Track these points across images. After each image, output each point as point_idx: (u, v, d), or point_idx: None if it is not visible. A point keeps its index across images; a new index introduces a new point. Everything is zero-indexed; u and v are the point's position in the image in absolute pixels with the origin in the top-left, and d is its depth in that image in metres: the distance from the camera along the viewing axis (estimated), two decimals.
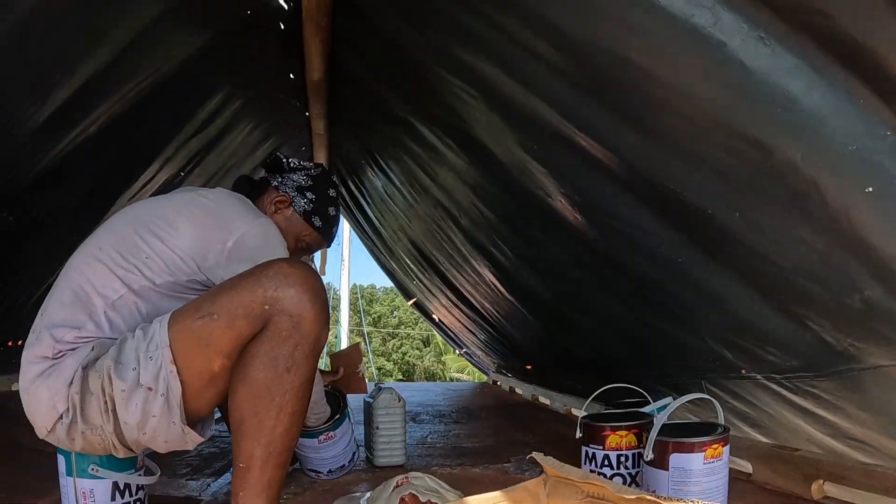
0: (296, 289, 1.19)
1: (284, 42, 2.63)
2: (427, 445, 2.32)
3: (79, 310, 1.27)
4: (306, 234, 1.65)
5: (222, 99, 2.71)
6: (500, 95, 1.65)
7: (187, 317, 1.21)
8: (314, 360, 1.24)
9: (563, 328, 2.57)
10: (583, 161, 1.51)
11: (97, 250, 1.33)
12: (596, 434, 1.61)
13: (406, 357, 25.47)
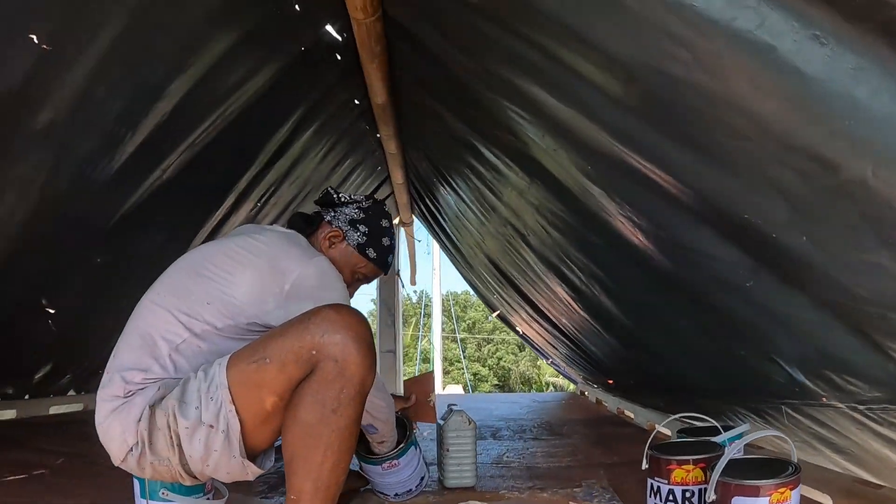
0: (341, 335, 1.26)
1: (345, 70, 2.68)
2: (501, 465, 2.27)
3: (145, 353, 1.36)
4: (362, 266, 1.67)
5: (291, 129, 2.78)
6: (551, 118, 1.60)
7: (242, 360, 1.29)
8: (360, 402, 1.30)
9: (639, 347, 2.47)
10: (637, 182, 1.44)
11: (160, 297, 1.42)
12: (661, 467, 1.52)
13: (501, 362, 25.33)
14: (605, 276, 2.20)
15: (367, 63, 2.55)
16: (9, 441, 2.28)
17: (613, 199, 1.65)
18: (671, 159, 1.28)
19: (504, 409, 3.99)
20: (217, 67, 2.03)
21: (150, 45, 1.77)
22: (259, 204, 3.11)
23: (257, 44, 2.12)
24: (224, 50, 2.00)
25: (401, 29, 2.20)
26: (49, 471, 1.95)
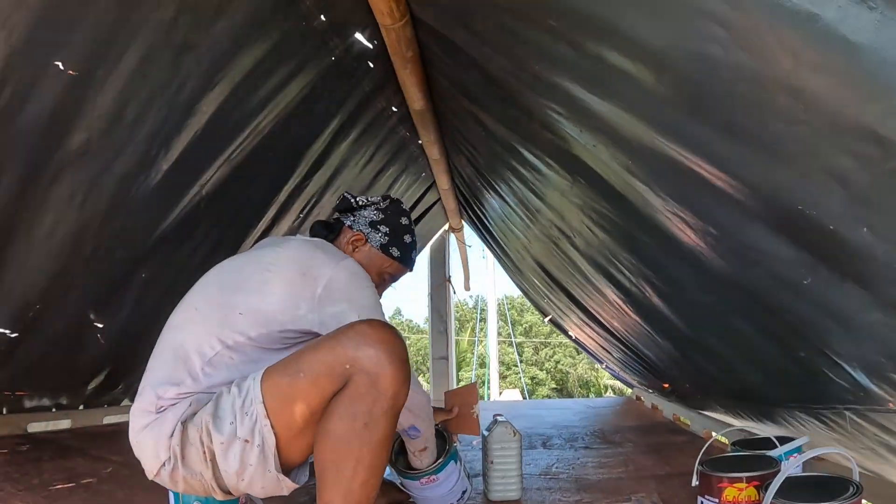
0: (374, 349, 1.25)
1: (380, 77, 2.66)
2: (549, 476, 2.20)
3: (178, 367, 1.37)
4: (387, 266, 1.69)
5: (329, 139, 2.77)
6: (587, 113, 1.52)
7: (276, 374, 1.29)
8: (392, 417, 1.28)
9: (693, 350, 2.35)
10: (682, 176, 1.34)
11: (192, 311, 1.44)
12: (712, 484, 1.42)
13: (559, 366, 25.04)
14: (656, 277, 2.10)
15: (401, 69, 2.53)
16: (63, 450, 2.33)
17: (658, 195, 1.56)
18: (714, 149, 1.19)
19: (556, 415, 3.91)
20: (246, 82, 2.03)
21: (177, 63, 1.78)
22: (301, 215, 3.11)
23: (285, 57, 2.11)
24: (251, 64, 2.00)
25: (431, 32, 2.16)
26: (97, 479, 1.98)
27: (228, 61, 1.93)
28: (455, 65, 2.32)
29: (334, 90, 2.52)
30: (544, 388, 24.13)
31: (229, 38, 1.86)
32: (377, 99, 2.85)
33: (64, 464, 2.13)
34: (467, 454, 2.51)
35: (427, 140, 3.44)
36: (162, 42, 1.69)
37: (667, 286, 2.07)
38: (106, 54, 1.59)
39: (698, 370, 2.50)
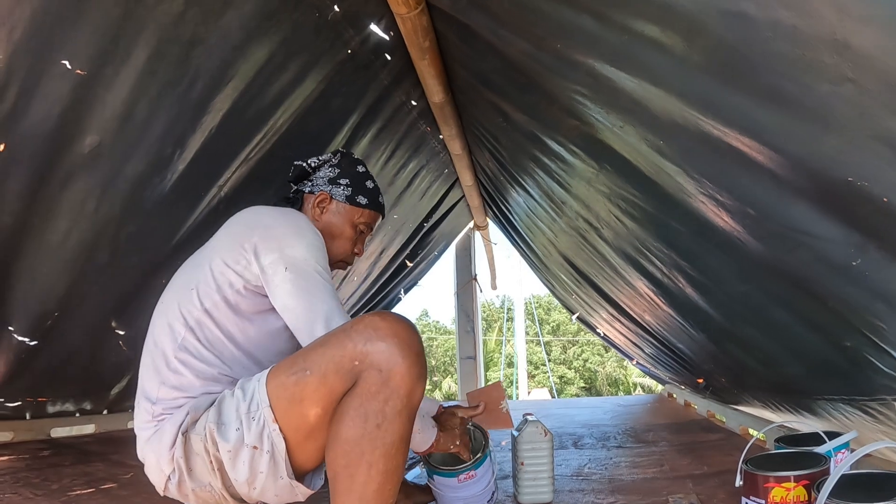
0: (385, 342, 1.17)
1: (397, 70, 2.60)
2: (582, 477, 2.12)
3: (158, 362, 1.35)
4: (358, 217, 1.64)
5: (348, 135, 2.71)
6: (613, 90, 1.44)
7: (282, 373, 1.24)
8: (407, 416, 1.20)
9: (730, 342, 2.25)
10: (718, 154, 1.26)
11: (159, 306, 1.45)
12: (757, 484, 1.32)
13: (587, 364, 24.83)
14: (690, 266, 2.01)
15: (419, 60, 2.47)
16: (84, 455, 2.33)
17: (692, 177, 1.47)
18: (753, 119, 1.10)
19: (587, 414, 3.82)
20: (259, 77, 1.98)
21: (186, 59, 1.72)
22: None
23: (298, 50, 2.05)
24: (264, 59, 1.94)
25: (447, 18, 2.09)
26: (116, 485, 1.96)
27: (240, 55, 1.87)
28: (473, 53, 2.25)
29: (351, 84, 2.46)
30: (573, 387, 23.95)
31: (240, 31, 1.80)
32: (396, 92, 2.78)
33: (84, 469, 2.12)
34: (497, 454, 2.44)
35: (448, 134, 3.37)
36: (170, 37, 1.63)
37: (702, 276, 1.98)
38: (113, 51, 1.54)
39: (735, 363, 2.40)
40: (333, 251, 1.61)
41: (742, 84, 1.05)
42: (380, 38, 2.34)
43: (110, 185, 1.83)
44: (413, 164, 3.63)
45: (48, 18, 1.36)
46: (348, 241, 1.61)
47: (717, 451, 2.49)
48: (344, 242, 1.61)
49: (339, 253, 1.63)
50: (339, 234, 1.60)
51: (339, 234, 1.60)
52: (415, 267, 5.24)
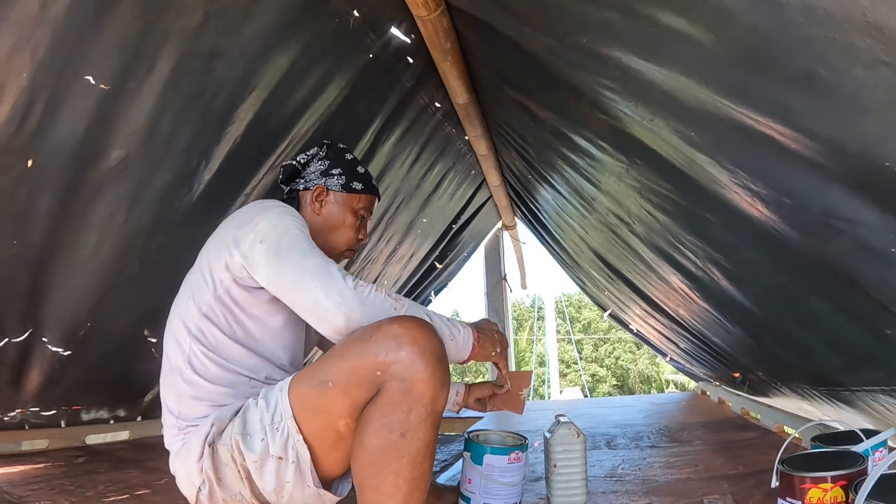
0: (406, 350, 1.16)
1: (420, 73, 2.59)
2: (615, 478, 2.07)
3: (175, 381, 1.35)
4: (356, 202, 1.61)
5: (372, 140, 2.71)
6: (641, 83, 1.40)
7: (303, 385, 1.24)
8: (432, 424, 1.18)
9: (768, 335, 2.19)
10: (751, 143, 1.22)
11: (167, 325, 1.43)
12: (793, 486, 1.27)
13: (619, 362, 24.59)
14: (724, 259, 1.96)
15: (441, 62, 2.46)
16: (119, 462, 2.35)
17: (725, 167, 1.43)
18: (788, 107, 1.06)
19: (620, 413, 3.76)
20: (282, 86, 1.98)
21: (209, 70, 1.73)
22: None
23: (320, 57, 2.05)
24: (286, 67, 1.94)
25: (468, 19, 2.08)
26: (150, 491, 1.96)
27: (262, 65, 1.88)
28: (495, 52, 2.23)
29: (374, 89, 2.46)
30: (605, 385, 23.74)
31: (260, 41, 1.81)
32: (419, 95, 2.77)
33: (119, 475, 2.13)
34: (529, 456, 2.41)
35: (473, 135, 3.36)
36: (192, 49, 1.64)
37: (737, 268, 1.93)
38: (136, 66, 1.55)
39: (772, 356, 2.34)
40: (339, 241, 1.60)
41: (774, 71, 1.02)
42: (401, 42, 2.33)
43: (138, 197, 1.84)
44: (439, 167, 3.62)
45: (69, 36, 1.37)
46: (351, 228, 1.60)
47: (753, 451, 2.43)
48: (347, 230, 1.59)
49: (345, 241, 1.61)
50: (341, 223, 1.59)
51: (342, 222, 1.59)
52: (444, 269, 5.23)
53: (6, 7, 1.24)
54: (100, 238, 1.83)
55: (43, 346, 1.97)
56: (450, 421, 3.93)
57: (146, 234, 1.96)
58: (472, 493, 1.68)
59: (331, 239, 1.59)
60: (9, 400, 2.06)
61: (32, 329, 1.89)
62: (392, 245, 3.88)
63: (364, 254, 3.58)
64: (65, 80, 1.44)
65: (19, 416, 2.18)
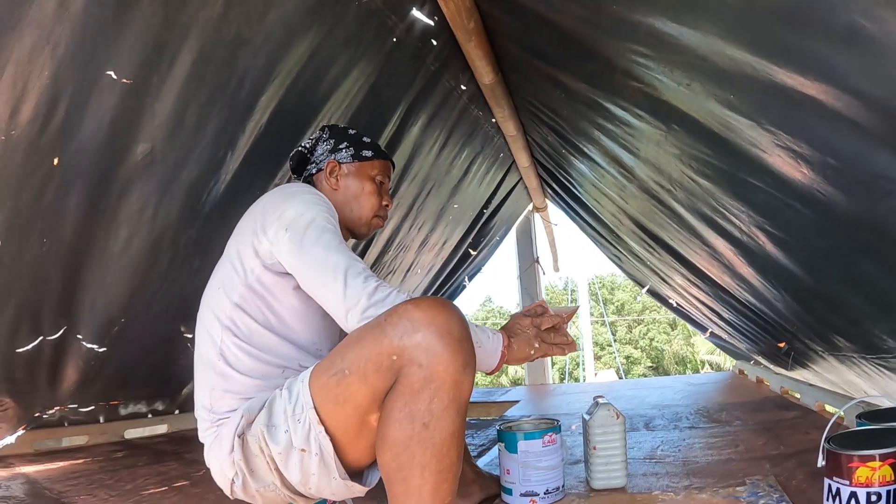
0: (423, 333, 1.10)
1: (445, 55, 2.55)
2: (655, 460, 2.03)
3: (208, 374, 1.33)
4: (370, 169, 1.59)
5: (397, 125, 2.68)
6: (676, 47, 1.36)
7: (323, 374, 1.20)
8: (456, 410, 1.12)
9: (816, 300, 2.12)
10: (792, 104, 1.16)
11: (198, 319, 1.41)
12: (840, 465, 1.21)
13: (653, 343, 24.33)
14: (769, 223, 1.89)
15: (465, 42, 2.42)
16: (159, 454, 2.38)
17: (766, 129, 1.37)
18: (831, 64, 1.00)
19: (657, 395, 3.69)
20: (305, 72, 1.97)
21: (231, 60, 1.72)
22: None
23: (343, 42, 2.03)
24: (308, 54, 1.93)
25: None
26: (189, 483, 1.98)
27: (285, 53, 1.86)
28: (523, 27, 2.18)
29: (399, 74, 2.43)
30: (640, 367, 23.53)
31: (282, 28, 1.79)
32: (444, 78, 2.74)
33: (158, 468, 2.16)
34: (567, 439, 2.38)
35: (501, 116, 3.32)
36: (214, 40, 1.63)
37: (782, 232, 1.86)
38: (158, 59, 1.55)
39: (820, 322, 2.27)
40: (363, 210, 1.57)
41: (815, 27, 0.96)
42: (424, 24, 2.30)
43: (166, 191, 1.85)
44: (468, 152, 3.59)
45: (89, 32, 1.36)
46: (371, 194, 1.56)
47: (794, 430, 2.36)
48: (368, 197, 1.56)
49: (368, 208, 1.57)
50: (360, 192, 1.56)
51: (360, 190, 1.56)
52: (477, 254, 5.21)
53: (24, 6, 1.23)
54: (130, 233, 1.84)
55: (78, 343, 1.99)
56: (485, 406, 3.92)
57: (176, 227, 1.96)
58: (513, 484, 1.66)
59: (354, 210, 1.56)
60: (47, 398, 2.09)
61: (67, 327, 1.91)
62: (424, 233, 3.87)
63: (396, 241, 3.57)
64: (87, 76, 1.43)
65: (58, 413, 2.21)
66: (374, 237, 3.31)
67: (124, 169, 1.68)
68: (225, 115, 1.84)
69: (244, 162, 2.00)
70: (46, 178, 1.53)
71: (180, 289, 2.15)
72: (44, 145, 1.46)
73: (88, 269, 1.82)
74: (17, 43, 1.26)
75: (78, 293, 1.86)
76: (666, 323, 23.97)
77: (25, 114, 1.37)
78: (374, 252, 3.41)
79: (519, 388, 5.31)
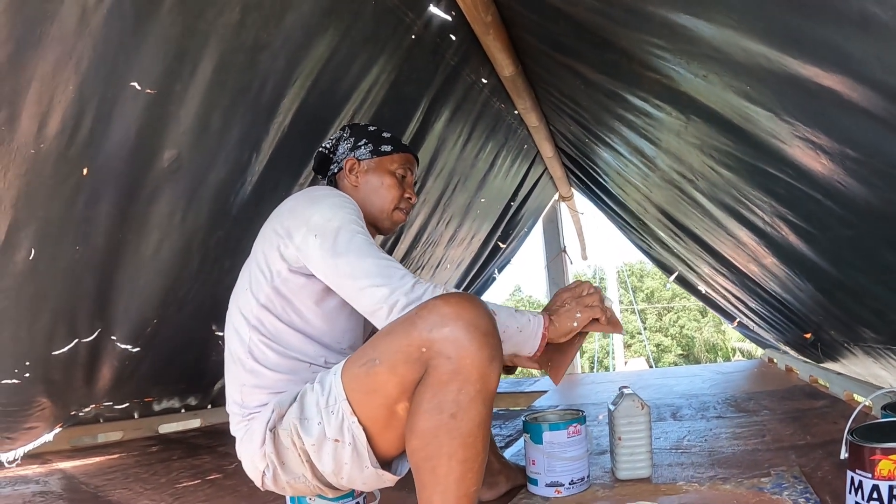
0: (450, 326, 1.13)
1: (465, 49, 2.55)
2: (681, 450, 2.03)
3: (237, 371, 1.38)
4: (391, 164, 1.60)
5: (420, 122, 2.69)
6: (691, 38, 1.35)
7: (354, 365, 1.24)
8: (483, 402, 1.15)
9: (841, 291, 2.08)
10: (809, 93, 1.15)
11: (227, 317, 1.46)
12: (862, 457, 1.19)
13: (684, 330, 24.04)
14: (791, 213, 1.87)
15: (483, 35, 2.42)
16: (193, 448, 2.46)
17: (784, 120, 1.36)
18: (845, 53, 0.99)
19: (685, 383, 3.67)
20: (325, 73, 1.99)
21: (252, 65, 1.75)
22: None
23: (361, 41, 2.04)
24: (327, 55, 1.95)
25: None
26: (222, 475, 2.04)
27: (305, 54, 1.89)
28: (540, 18, 2.17)
29: (420, 69, 2.44)
30: (670, 355, 23.29)
31: (301, 30, 1.81)
32: (465, 72, 2.74)
33: (192, 462, 2.22)
34: (593, 429, 2.39)
35: (523, 108, 3.31)
36: (234, 45, 1.66)
37: (805, 222, 1.84)
38: (179, 67, 1.58)
39: (845, 313, 2.24)
40: (384, 204, 1.58)
41: (829, 14, 0.95)
42: (442, 19, 2.30)
43: (194, 195, 1.89)
44: (492, 145, 3.59)
45: (110, 46, 1.40)
46: (391, 188, 1.58)
47: (822, 420, 2.35)
48: (388, 190, 1.58)
49: (388, 201, 1.58)
50: (380, 186, 1.57)
51: (380, 184, 1.57)
52: (506, 247, 5.21)
53: (46, 24, 1.27)
54: (160, 237, 1.89)
55: (112, 344, 2.05)
56: (513, 396, 3.93)
57: (205, 229, 2.01)
58: (538, 474, 1.68)
59: (376, 204, 1.58)
60: (83, 396, 2.15)
61: (101, 329, 1.96)
62: (452, 228, 3.89)
63: (424, 237, 3.59)
64: (111, 88, 1.47)
65: (94, 410, 2.29)
66: (402, 233, 3.34)
67: (152, 175, 1.73)
68: (249, 119, 1.87)
69: (269, 163, 2.03)
70: (76, 188, 1.57)
71: (211, 289, 2.20)
72: (72, 157, 1.50)
73: (121, 274, 1.87)
74: (40, 59, 1.30)
75: (112, 296, 1.91)
76: (696, 310, 23.69)
77: (53, 127, 1.41)
78: (402, 248, 3.44)
79: (548, 378, 5.31)
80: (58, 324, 1.82)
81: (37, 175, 1.46)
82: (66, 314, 1.82)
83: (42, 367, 1.86)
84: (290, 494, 1.38)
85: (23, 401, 1.90)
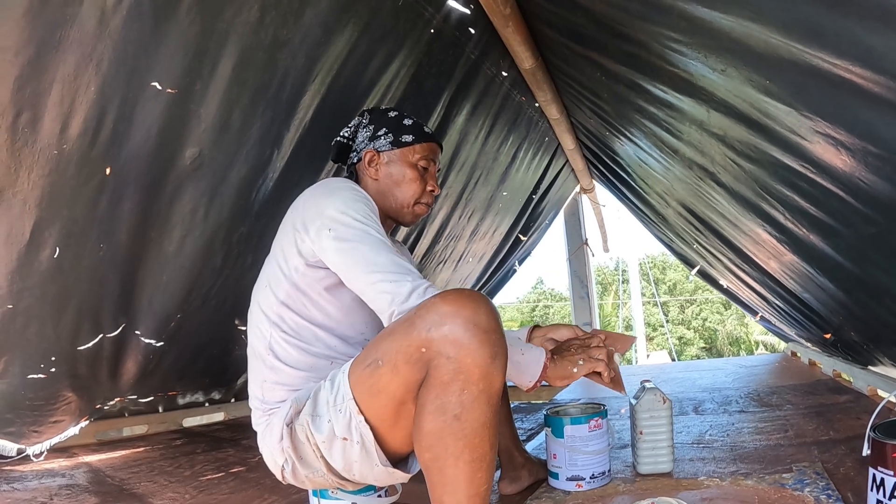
0: (449, 325, 1.10)
1: (484, 42, 2.55)
2: (703, 445, 2.01)
3: (259, 367, 1.40)
4: (412, 155, 1.54)
5: (442, 116, 2.69)
6: (709, 31, 1.34)
7: (359, 365, 1.23)
8: (486, 401, 1.13)
9: (862, 291, 2.05)
10: (829, 86, 1.14)
11: (249, 315, 1.48)
12: (885, 454, 1.17)
13: (706, 323, 23.75)
14: (812, 209, 1.84)
15: (503, 29, 2.42)
16: (217, 441, 2.48)
17: (804, 115, 1.34)
18: (866, 47, 0.97)
19: (708, 377, 3.64)
20: (345, 69, 2.00)
21: (271, 62, 1.76)
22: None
23: (381, 36, 2.05)
24: (347, 51, 1.95)
25: None
26: (246, 468, 2.07)
27: (324, 50, 1.90)
28: (558, 11, 2.16)
29: (440, 64, 2.44)
30: (693, 348, 23.03)
31: (319, 27, 1.82)
32: (485, 66, 2.74)
33: (216, 455, 2.25)
34: (615, 423, 2.38)
35: (544, 100, 3.30)
36: (253, 43, 1.67)
37: (826, 219, 1.81)
38: (199, 67, 1.60)
39: (867, 313, 2.20)
40: (405, 197, 1.54)
41: (850, 7, 0.94)
42: (461, 13, 2.30)
43: (216, 192, 1.91)
44: (513, 138, 3.58)
45: (130, 47, 1.42)
46: (413, 181, 1.53)
47: (845, 415, 2.31)
48: (410, 184, 1.53)
49: (410, 195, 1.54)
50: (401, 180, 1.53)
51: (402, 178, 1.53)
52: (528, 239, 5.20)
53: (66, 27, 1.29)
54: (183, 234, 1.91)
55: (136, 339, 2.08)
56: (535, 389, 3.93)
57: (228, 226, 2.03)
58: (559, 468, 1.68)
59: (397, 198, 1.54)
60: (108, 391, 2.19)
61: (125, 324, 1.99)
62: (474, 222, 3.89)
63: (447, 231, 3.60)
64: (132, 89, 1.49)
65: (118, 404, 2.32)
66: (424, 228, 3.34)
67: (174, 173, 1.75)
68: (269, 116, 1.89)
69: (291, 159, 2.05)
70: (100, 188, 1.60)
71: (234, 284, 2.22)
72: (95, 157, 1.52)
73: (145, 270, 1.90)
74: (61, 62, 1.32)
75: (136, 292, 1.94)
76: (719, 303, 23.40)
77: (75, 128, 1.44)
78: (424, 243, 3.45)
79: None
80: (83, 320, 1.85)
81: (60, 175, 1.49)
82: (90, 310, 1.85)
83: (67, 362, 1.90)
84: (311, 488, 1.40)
85: (49, 395, 1.94)
